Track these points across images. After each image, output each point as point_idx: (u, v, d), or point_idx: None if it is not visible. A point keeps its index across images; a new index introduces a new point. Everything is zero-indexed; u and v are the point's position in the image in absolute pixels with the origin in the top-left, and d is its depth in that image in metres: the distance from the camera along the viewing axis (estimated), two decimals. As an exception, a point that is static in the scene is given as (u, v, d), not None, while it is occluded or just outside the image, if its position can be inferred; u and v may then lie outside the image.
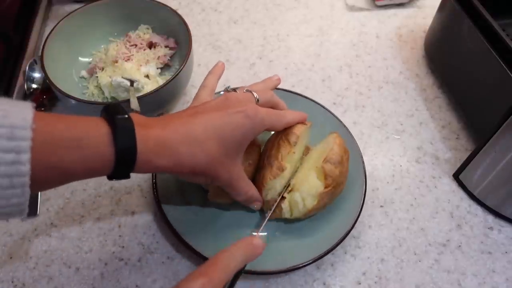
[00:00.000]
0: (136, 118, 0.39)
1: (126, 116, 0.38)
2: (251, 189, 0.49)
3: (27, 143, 0.32)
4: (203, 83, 0.52)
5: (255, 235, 0.44)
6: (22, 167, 0.32)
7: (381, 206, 0.57)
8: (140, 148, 0.37)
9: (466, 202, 0.58)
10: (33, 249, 0.52)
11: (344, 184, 0.52)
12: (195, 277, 0.35)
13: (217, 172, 0.43)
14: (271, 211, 0.50)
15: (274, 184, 0.50)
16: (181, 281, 0.35)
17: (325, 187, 0.49)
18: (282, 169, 0.49)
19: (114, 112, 0.38)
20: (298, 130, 0.51)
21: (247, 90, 0.48)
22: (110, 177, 0.38)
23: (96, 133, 0.36)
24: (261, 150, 0.54)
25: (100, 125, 0.37)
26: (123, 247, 0.53)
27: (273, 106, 0.52)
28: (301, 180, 0.50)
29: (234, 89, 0.49)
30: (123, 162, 0.37)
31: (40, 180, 0.34)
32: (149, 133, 0.39)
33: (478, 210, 0.57)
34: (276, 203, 0.50)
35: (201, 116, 0.43)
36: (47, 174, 0.34)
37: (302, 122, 0.53)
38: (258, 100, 0.48)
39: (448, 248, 0.54)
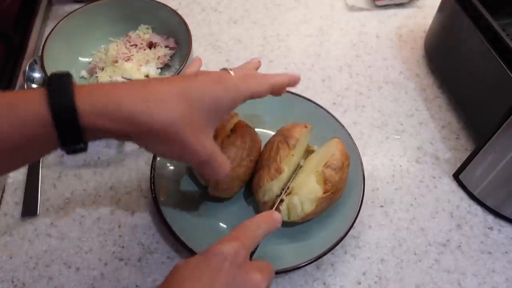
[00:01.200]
0: (81, 84, 0.35)
1: (65, 72, 0.34)
2: (226, 160, 0.42)
3: None
4: (190, 64, 0.50)
5: (274, 210, 0.44)
6: None
7: (381, 206, 0.57)
8: (82, 104, 0.33)
9: (466, 202, 0.58)
10: (33, 249, 0.52)
11: (343, 190, 0.52)
12: (228, 240, 0.35)
13: (181, 141, 0.37)
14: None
15: (271, 186, 0.49)
16: (214, 244, 0.35)
17: (324, 192, 0.49)
18: (279, 172, 0.49)
19: (54, 72, 0.34)
20: (298, 133, 0.51)
21: (221, 69, 0.44)
22: (62, 146, 0.34)
23: (30, 94, 0.33)
24: (261, 147, 0.54)
25: (36, 90, 0.33)
26: (123, 247, 0.53)
27: None
28: (300, 184, 0.50)
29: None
30: (63, 123, 0.32)
31: None
32: (93, 89, 0.34)
33: (478, 210, 0.57)
34: (275, 206, 0.50)
35: (166, 81, 0.38)
36: None
37: (303, 125, 0.53)
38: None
39: (448, 248, 0.54)
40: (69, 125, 0.33)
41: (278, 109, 0.60)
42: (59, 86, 0.33)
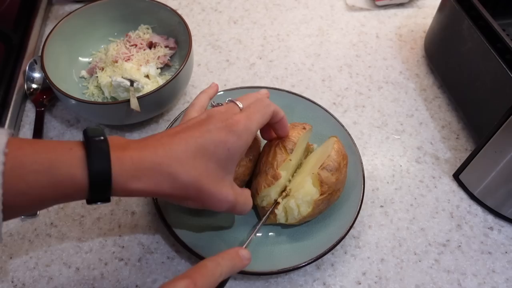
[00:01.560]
0: (113, 140, 0.38)
1: (102, 138, 0.37)
2: (248, 197, 0.46)
3: None
4: (193, 102, 0.51)
5: (242, 247, 0.42)
6: None
7: (381, 206, 0.57)
8: (116, 170, 0.36)
9: (466, 202, 0.58)
10: (33, 249, 0.52)
11: (342, 190, 0.52)
12: (180, 278, 0.34)
13: (202, 194, 0.40)
14: (266, 217, 0.50)
15: (269, 192, 0.49)
16: (165, 282, 0.34)
17: (321, 194, 0.48)
18: (277, 178, 0.49)
19: (91, 135, 0.37)
20: (296, 136, 0.51)
21: (229, 100, 0.46)
22: (88, 202, 0.37)
23: (68, 156, 0.35)
24: (261, 146, 0.54)
25: (74, 148, 0.36)
26: (123, 247, 0.53)
27: None
28: (297, 186, 0.50)
29: (219, 104, 0.47)
30: (98, 186, 0.36)
31: (11, 206, 0.33)
32: (125, 155, 0.37)
33: (478, 210, 0.57)
34: (270, 209, 0.50)
35: (182, 135, 0.41)
36: (17, 200, 0.33)
37: (301, 126, 0.53)
38: (241, 108, 0.46)
39: (448, 248, 0.54)
40: (102, 191, 0.36)
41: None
42: (98, 154, 0.36)
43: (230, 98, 0.47)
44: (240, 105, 0.46)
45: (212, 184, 0.41)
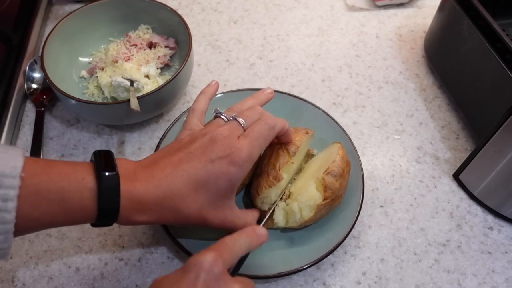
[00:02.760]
0: (123, 169, 0.39)
1: (114, 172, 0.38)
2: (249, 219, 0.48)
3: (14, 191, 0.33)
4: (193, 106, 0.51)
5: (259, 225, 0.44)
6: (8, 215, 0.33)
7: (381, 206, 0.57)
8: (123, 205, 0.38)
9: (466, 202, 0.58)
10: (33, 249, 0.52)
11: (343, 197, 0.51)
12: (206, 251, 0.36)
13: (205, 221, 0.43)
14: (264, 221, 0.50)
15: (269, 193, 0.49)
16: (192, 256, 0.36)
17: (324, 199, 0.48)
18: (278, 179, 0.49)
19: (103, 163, 0.38)
20: (299, 140, 0.51)
21: (233, 117, 0.46)
22: (93, 225, 0.40)
23: (81, 187, 0.37)
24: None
25: (86, 178, 0.37)
26: (123, 247, 0.53)
27: None
28: (300, 190, 0.50)
29: (222, 114, 0.47)
30: (105, 218, 0.39)
31: (22, 228, 0.35)
32: (132, 190, 0.39)
33: (478, 210, 0.57)
34: (268, 214, 0.50)
35: (184, 166, 0.42)
36: (28, 224, 0.35)
37: (304, 131, 0.53)
38: (244, 127, 0.46)
39: (448, 248, 0.54)
40: (108, 220, 0.39)
41: (277, 112, 0.60)
42: (109, 192, 0.38)
43: (234, 115, 0.46)
44: (244, 124, 0.45)
45: (212, 212, 0.43)
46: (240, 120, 0.45)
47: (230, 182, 0.43)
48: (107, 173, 0.38)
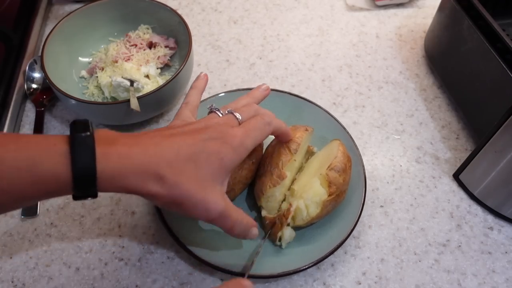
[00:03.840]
0: (101, 135, 0.36)
1: (88, 133, 0.35)
2: (243, 216, 0.43)
3: None
4: (185, 99, 0.50)
5: (245, 279, 0.40)
6: None
7: (381, 206, 0.57)
8: (101, 167, 0.35)
9: (466, 202, 0.58)
10: (33, 249, 0.52)
11: (346, 192, 0.52)
12: None
13: (189, 199, 0.39)
14: (267, 234, 0.50)
15: (274, 192, 0.49)
16: None
17: (329, 195, 0.48)
18: (282, 178, 0.49)
19: (77, 129, 0.35)
20: (300, 138, 0.51)
21: (229, 111, 0.45)
22: (75, 198, 0.37)
23: (52, 152, 0.34)
24: (263, 149, 0.54)
25: (58, 144, 0.34)
26: (123, 247, 0.53)
27: None
28: (305, 187, 0.50)
29: (218, 109, 0.46)
30: (82, 183, 0.35)
31: None
32: (112, 151, 0.36)
33: (478, 210, 0.57)
34: (270, 229, 0.50)
35: (175, 139, 0.40)
36: None
37: (304, 128, 0.53)
38: (240, 121, 0.45)
39: (448, 248, 0.54)
40: (87, 188, 0.35)
41: (277, 111, 0.60)
42: (82, 150, 0.34)
43: (230, 109, 0.45)
44: (239, 118, 0.45)
45: (200, 190, 0.39)
46: (236, 114, 0.45)
47: (221, 162, 0.40)
48: (81, 133, 0.35)
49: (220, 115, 0.45)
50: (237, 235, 0.43)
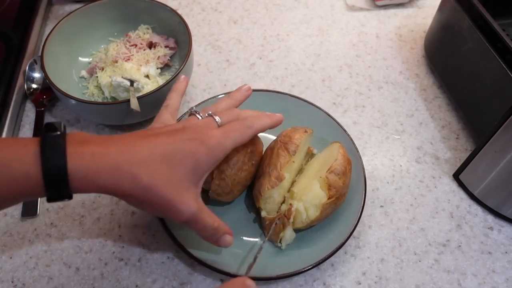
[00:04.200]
0: (73, 136, 0.36)
1: (59, 132, 0.35)
2: (216, 220, 0.43)
3: None
4: (165, 102, 0.50)
5: (247, 278, 0.40)
6: None
7: (381, 206, 0.57)
8: (72, 166, 0.35)
9: (466, 202, 0.58)
10: (33, 249, 0.52)
11: (346, 195, 0.52)
12: None
13: (162, 200, 0.38)
14: (269, 234, 0.49)
15: (272, 194, 0.49)
16: None
17: (329, 198, 0.48)
18: (280, 179, 0.49)
19: (48, 129, 0.35)
20: (298, 139, 0.51)
21: (208, 114, 0.45)
22: (49, 200, 0.36)
23: (23, 153, 0.34)
24: (263, 151, 0.54)
25: (29, 145, 0.35)
26: (123, 247, 0.53)
27: None
28: (304, 190, 0.49)
29: (197, 112, 0.46)
30: (53, 183, 0.35)
31: None
32: (84, 150, 0.36)
33: (478, 210, 0.57)
34: (272, 228, 0.49)
35: (151, 139, 0.40)
36: None
37: (303, 129, 0.53)
38: (219, 124, 0.45)
39: (448, 248, 0.54)
40: (59, 188, 0.35)
41: (277, 112, 0.60)
42: (52, 149, 0.34)
43: (210, 112, 0.45)
44: (219, 121, 0.45)
45: (173, 191, 0.39)
46: (216, 117, 0.45)
47: (196, 163, 0.40)
48: (51, 133, 0.35)
49: (200, 118, 0.45)
50: (208, 240, 0.43)
